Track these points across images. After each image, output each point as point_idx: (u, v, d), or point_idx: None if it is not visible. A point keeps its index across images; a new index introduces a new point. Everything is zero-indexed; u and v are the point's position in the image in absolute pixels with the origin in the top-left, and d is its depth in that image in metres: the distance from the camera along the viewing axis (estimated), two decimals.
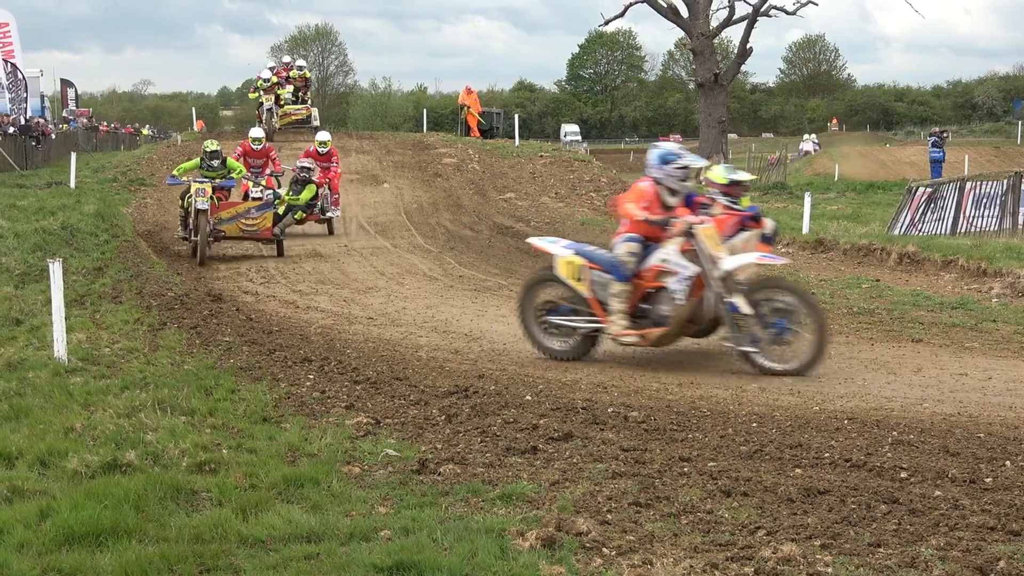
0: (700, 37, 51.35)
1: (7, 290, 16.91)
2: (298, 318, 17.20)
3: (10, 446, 9.22)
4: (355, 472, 8.78)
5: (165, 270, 20.29)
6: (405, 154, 40.48)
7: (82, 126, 68.60)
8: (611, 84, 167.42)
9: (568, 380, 12.75)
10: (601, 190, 35.65)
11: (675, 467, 8.82)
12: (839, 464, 8.91)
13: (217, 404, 10.89)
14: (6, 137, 42.81)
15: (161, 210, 30.88)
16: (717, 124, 51.50)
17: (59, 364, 12.48)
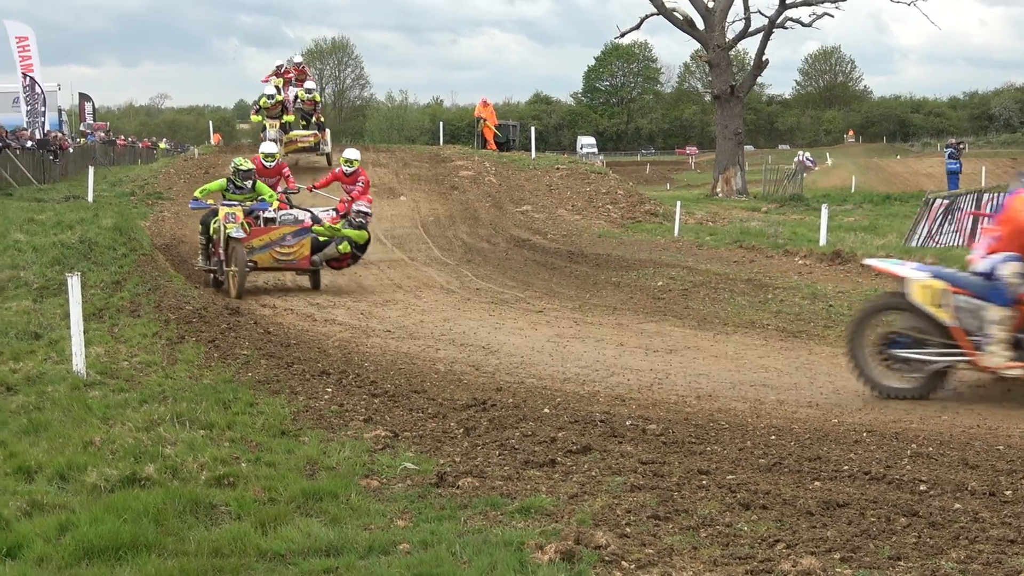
0: (716, 49, 51.34)
1: (26, 304, 16.93)
2: (316, 331, 17.21)
3: (29, 460, 9.23)
4: (374, 485, 8.78)
5: (183, 283, 20.31)
6: (422, 167, 40.50)
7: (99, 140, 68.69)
8: (627, 96, 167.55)
9: (586, 393, 12.74)
10: (618, 202, 35.66)
11: (694, 480, 8.80)
12: (858, 477, 8.89)
13: (235, 418, 10.89)
14: (24, 151, 42.90)
15: (179, 224, 30.92)
16: (733, 136, 51.47)
17: (78, 378, 12.48)
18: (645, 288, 21.64)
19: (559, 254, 27.05)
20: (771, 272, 23.05)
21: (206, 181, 36.56)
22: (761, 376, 13.63)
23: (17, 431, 10.31)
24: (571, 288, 22.07)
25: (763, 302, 19.52)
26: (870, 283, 21.35)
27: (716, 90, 52.16)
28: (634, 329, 17.43)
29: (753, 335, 16.77)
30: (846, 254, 24.36)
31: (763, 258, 25.56)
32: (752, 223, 33.68)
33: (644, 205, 36.19)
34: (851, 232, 29.97)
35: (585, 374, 13.93)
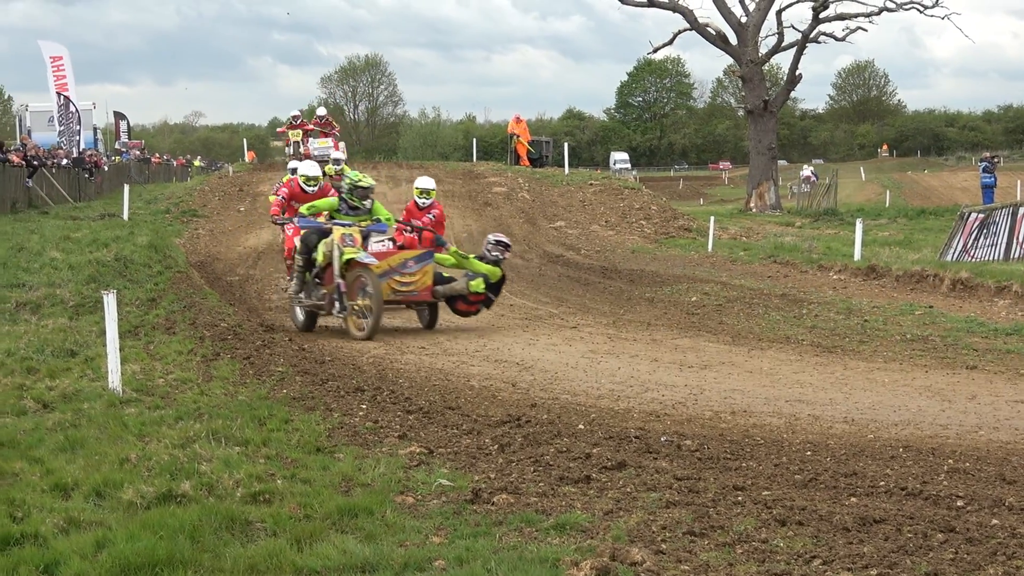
0: (749, 64, 51.28)
1: (62, 321, 17.02)
2: (350, 348, 17.22)
3: (66, 477, 9.26)
4: (409, 502, 8.77)
5: (218, 301, 20.36)
6: (455, 183, 40.55)
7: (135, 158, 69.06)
8: (660, 112, 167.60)
9: (620, 409, 12.71)
10: (651, 218, 35.68)
11: (729, 496, 8.77)
12: (895, 492, 8.84)
13: (271, 434, 10.90)
14: (59, 169, 43.12)
15: (213, 241, 31.04)
16: (767, 151, 51.38)
17: (114, 395, 12.53)
18: (679, 303, 21.62)
19: (593, 270, 27.06)
20: (805, 287, 23.01)
21: (239, 199, 36.85)
22: (796, 391, 13.58)
23: (54, 448, 10.36)
24: (605, 304, 22.06)
25: (798, 317, 19.47)
26: (905, 297, 21.32)
27: (749, 105, 52.07)
28: (668, 345, 17.40)
29: (788, 350, 16.72)
30: (881, 269, 24.31)
31: (797, 273, 25.54)
32: (786, 238, 33.62)
33: (677, 220, 36.20)
34: (886, 246, 29.93)
35: (619, 390, 13.89)
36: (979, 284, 21.58)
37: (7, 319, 17.34)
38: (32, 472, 9.54)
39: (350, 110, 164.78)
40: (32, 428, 11.18)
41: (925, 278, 22.92)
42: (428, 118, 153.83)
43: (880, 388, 13.49)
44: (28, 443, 10.56)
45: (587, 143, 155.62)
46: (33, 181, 38.98)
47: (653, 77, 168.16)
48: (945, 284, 22.22)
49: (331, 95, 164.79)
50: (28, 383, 13.28)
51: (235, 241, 31.30)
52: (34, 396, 12.57)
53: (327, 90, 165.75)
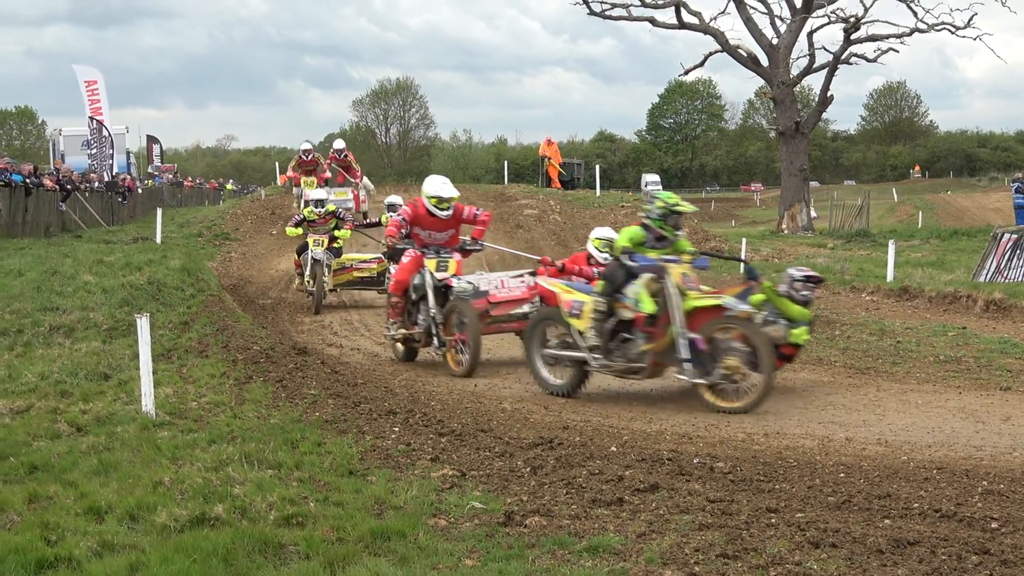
0: (781, 86, 51.20)
1: (95, 345, 17.07)
2: (382, 370, 17.25)
3: (99, 500, 9.29)
4: (441, 524, 8.78)
5: (250, 324, 20.39)
6: (487, 206, 40.52)
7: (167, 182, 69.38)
8: (691, 133, 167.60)
9: (653, 431, 12.70)
10: None
11: (762, 518, 8.75)
12: (929, 515, 8.81)
13: (303, 457, 10.92)
14: (93, 193, 43.34)
15: (246, 264, 31.13)
16: (799, 172, 51.26)
17: (147, 418, 12.56)
18: None
19: None
20: (838, 308, 22.92)
21: (271, 222, 36.95)
22: (829, 413, 13.54)
23: (87, 471, 10.39)
24: None
25: (830, 339, 19.40)
26: (938, 318, 21.22)
27: (781, 126, 51.96)
28: None
29: (821, 372, 16.67)
30: (914, 290, 24.23)
31: (830, 294, 25.45)
32: (818, 259, 33.50)
33: (709, 242, 36.12)
34: (919, 267, 29.78)
35: (652, 412, 13.89)
36: (1013, 305, 21.49)
37: (41, 342, 17.41)
38: (66, 495, 9.57)
39: (381, 133, 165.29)
40: (66, 451, 11.23)
41: (958, 299, 22.83)
42: (460, 141, 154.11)
43: (913, 409, 13.44)
44: (62, 466, 10.61)
45: (618, 165, 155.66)
46: (67, 205, 39.17)
47: (684, 99, 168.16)
48: (978, 305, 22.14)
49: (363, 118, 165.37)
50: (62, 406, 13.33)
51: (267, 264, 31.40)
52: (68, 419, 12.61)
53: (359, 113, 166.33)
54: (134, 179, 58.41)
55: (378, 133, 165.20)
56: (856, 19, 50.94)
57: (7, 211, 33.22)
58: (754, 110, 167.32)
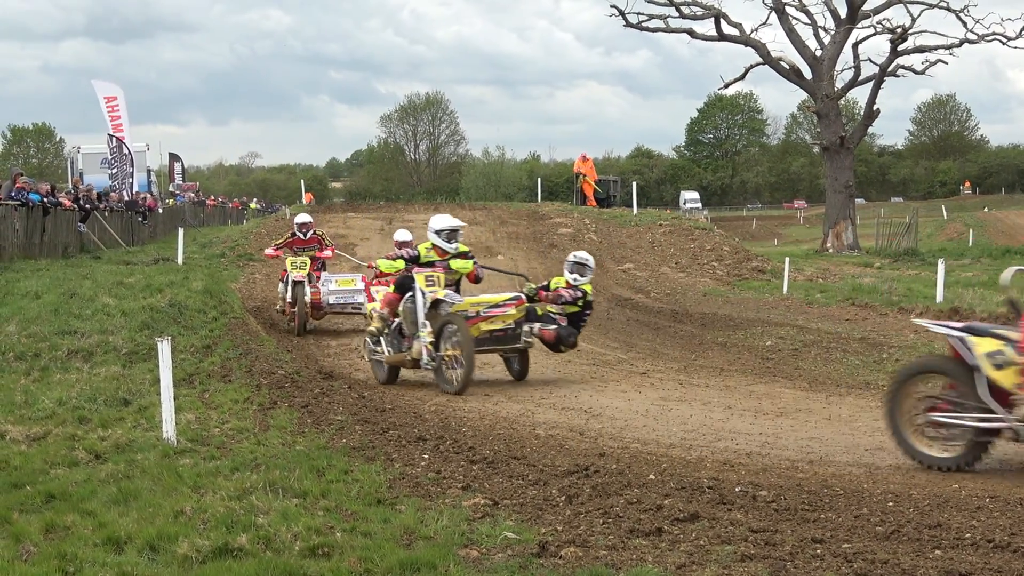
0: (825, 99, 51.15)
1: (114, 369, 17.12)
2: (411, 395, 17.25)
3: (119, 530, 9.29)
4: (473, 555, 8.75)
5: (275, 347, 20.43)
6: (519, 224, 40.63)
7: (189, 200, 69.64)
8: (732, 149, 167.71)
9: (693, 458, 12.66)
10: (723, 259, 35.60)
11: (807, 549, 8.70)
12: (981, 545, 8.75)
13: (330, 485, 10.91)
14: (112, 213, 43.51)
15: (270, 285, 31.16)
16: (844, 189, 51.18)
17: (168, 445, 12.57)
18: (753, 348, 21.54)
19: (663, 313, 27.01)
20: (885, 330, 22.86)
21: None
22: (877, 439, 13.47)
23: (106, 500, 10.40)
24: (676, 349, 22.01)
25: (878, 362, 19.35)
26: None
27: (825, 141, 51.90)
28: (742, 391, 17.33)
29: (868, 397, 16.61)
30: (965, 311, 24.11)
31: (877, 316, 25.39)
32: (865, 279, 33.42)
33: (751, 262, 36.10)
34: (969, 288, 29.67)
35: (691, 438, 13.85)
36: None
37: (59, 367, 17.46)
38: (84, 525, 9.58)
39: (410, 150, 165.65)
40: (84, 480, 11.24)
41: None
42: (492, 157, 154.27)
43: None
44: (80, 495, 10.61)
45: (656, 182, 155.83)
46: (85, 225, 39.33)
47: (724, 113, 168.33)
48: None
49: (391, 134, 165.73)
50: (80, 433, 13.34)
51: None
52: (86, 447, 12.63)
53: (387, 129, 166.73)
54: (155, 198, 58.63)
55: (407, 150, 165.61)
56: (903, 30, 50.88)
57: (24, 231, 33.35)
58: (797, 124, 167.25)
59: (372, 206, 52.85)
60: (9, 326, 19.54)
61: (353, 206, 54.77)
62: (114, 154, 50.84)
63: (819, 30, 52.04)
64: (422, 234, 19.72)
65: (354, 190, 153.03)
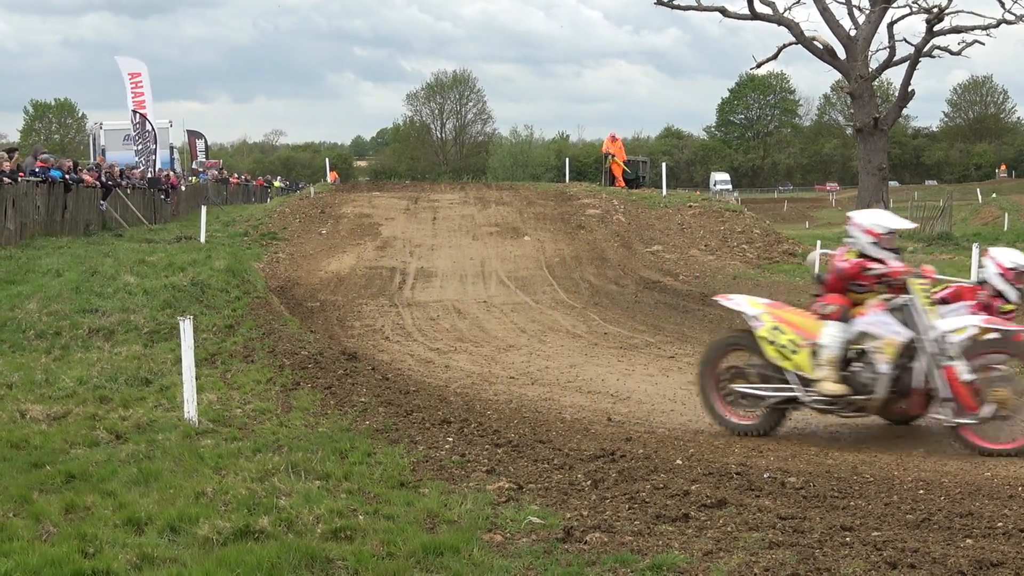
0: (859, 80, 50.95)
1: (136, 349, 17.16)
2: (436, 377, 17.26)
3: (139, 511, 9.33)
4: (497, 540, 8.77)
5: (298, 328, 20.44)
6: (547, 205, 40.56)
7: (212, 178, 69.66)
8: (763, 130, 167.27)
9: (721, 444, 12.66)
10: (754, 242, 35.49)
11: (836, 537, 8.69)
12: (1013, 534, 8.72)
13: (352, 468, 10.93)
14: (134, 190, 43.57)
15: (293, 265, 31.21)
16: (877, 171, 50.99)
17: (189, 426, 12.62)
18: None
19: (691, 296, 26.96)
20: None
21: (321, 221, 37.10)
22: (907, 426, 13.45)
23: (127, 481, 10.44)
24: (704, 333, 21.94)
25: None
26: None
27: (858, 123, 51.71)
28: None
29: None
30: None
31: None
32: None
33: (782, 245, 35.98)
34: None
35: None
36: None
37: (80, 346, 17.53)
38: (104, 506, 9.62)
39: (437, 128, 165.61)
40: (105, 460, 11.28)
41: None
42: (520, 137, 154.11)
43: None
44: (100, 475, 10.65)
45: (686, 163, 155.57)
46: (107, 202, 39.40)
47: (756, 93, 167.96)
48: None
49: (417, 112, 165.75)
50: (101, 413, 13.39)
51: (316, 265, 31.47)
52: (107, 427, 12.68)
53: (413, 107, 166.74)
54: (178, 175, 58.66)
55: (433, 128, 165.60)
56: (940, 9, 50.62)
57: (45, 208, 33.43)
58: (830, 105, 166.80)
59: (397, 185, 52.82)
60: (30, 304, 19.60)
61: (378, 185, 54.73)
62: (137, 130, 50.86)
63: (854, 9, 51.84)
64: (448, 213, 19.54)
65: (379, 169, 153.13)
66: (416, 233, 35.71)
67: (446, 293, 27.71)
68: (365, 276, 29.83)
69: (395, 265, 31.24)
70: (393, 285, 28.69)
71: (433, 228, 36.62)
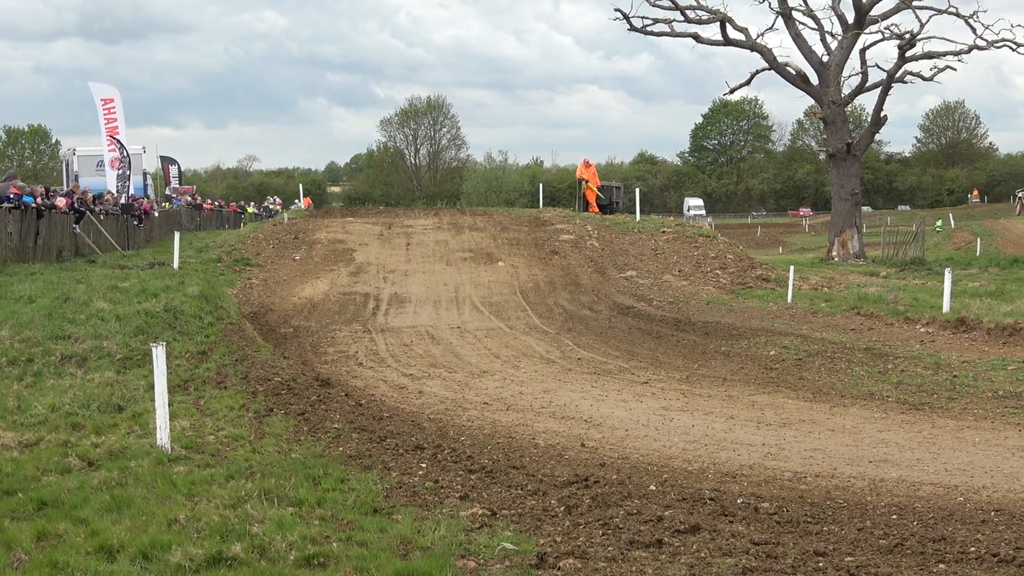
0: (831, 105, 51.20)
1: (109, 375, 17.13)
2: (410, 403, 17.25)
3: (111, 538, 9.30)
4: (470, 566, 8.77)
5: (271, 354, 20.43)
6: (520, 231, 40.62)
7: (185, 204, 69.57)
8: (737, 155, 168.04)
9: (694, 469, 12.67)
10: (727, 267, 35.59)
11: (810, 562, 8.72)
12: (986, 559, 8.76)
13: (326, 494, 10.93)
14: (107, 216, 43.48)
15: (267, 291, 31.18)
16: (850, 196, 51.23)
17: (162, 452, 12.59)
18: (757, 358, 21.52)
19: (665, 322, 26.99)
20: (891, 341, 22.86)
21: (295, 247, 37.09)
22: (881, 451, 13.49)
23: (99, 508, 10.41)
24: (678, 358, 21.99)
25: (883, 372, 19.35)
26: (998, 352, 21.13)
27: (831, 148, 51.96)
28: (745, 401, 17.33)
29: (872, 407, 16.62)
30: (971, 321, 24.13)
31: (882, 326, 25.38)
32: (870, 288, 33.43)
33: (755, 270, 36.08)
34: (976, 298, 29.66)
35: (693, 449, 13.86)
36: None
37: (52, 372, 17.49)
38: (76, 533, 9.59)
39: (411, 154, 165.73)
40: (77, 487, 11.25)
41: (1019, 331, 22.72)
42: (494, 162, 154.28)
43: (970, 448, 13.37)
44: (72, 503, 10.63)
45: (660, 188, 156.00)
46: (80, 228, 39.30)
47: (729, 119, 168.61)
48: None
49: (391, 138, 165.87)
50: (73, 440, 13.36)
51: (290, 291, 31.46)
52: (79, 453, 12.65)
53: (387, 133, 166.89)
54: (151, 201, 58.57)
55: (407, 154, 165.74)
56: (911, 35, 50.95)
57: (18, 234, 33.31)
58: (803, 131, 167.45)
59: (371, 211, 52.90)
60: (2, 331, 19.55)
61: (352, 211, 54.80)
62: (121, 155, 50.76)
63: (826, 35, 52.22)
64: (422, 238, 19.56)
65: (353, 194, 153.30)
66: (390, 259, 35.74)
67: (420, 319, 27.72)
68: (339, 302, 29.83)
69: (369, 291, 31.26)
70: (367, 311, 28.70)
71: (407, 254, 36.64)
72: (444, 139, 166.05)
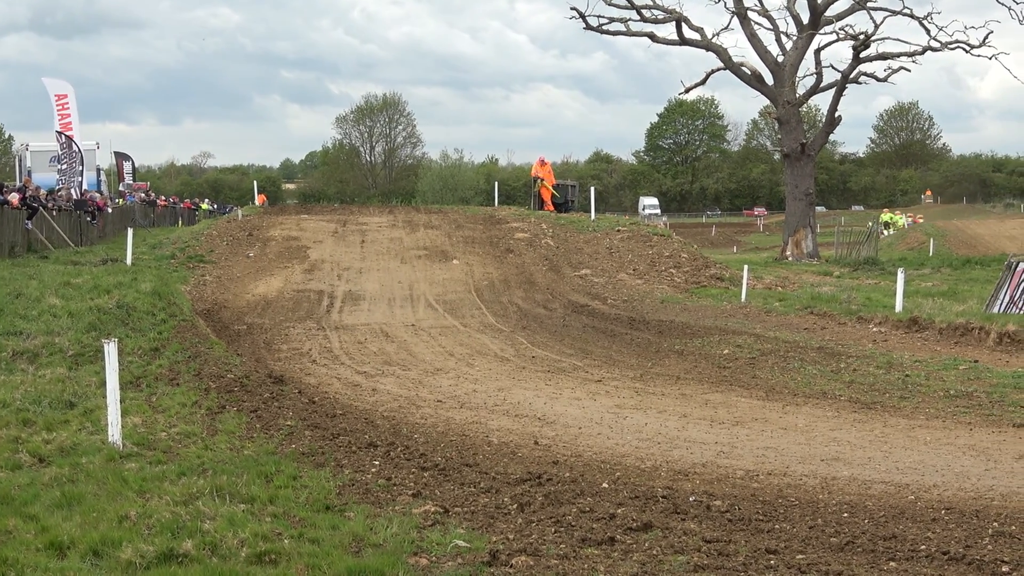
0: (786, 105, 51.38)
1: (60, 371, 17.04)
2: (363, 401, 17.21)
3: (62, 535, 9.26)
4: (423, 564, 8.76)
5: (224, 351, 20.36)
6: (475, 229, 40.59)
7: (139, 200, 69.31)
8: (692, 155, 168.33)
9: (647, 467, 12.69)
10: (682, 266, 35.64)
11: (761, 560, 8.74)
12: (936, 557, 8.80)
13: (278, 491, 10.89)
14: (60, 212, 43.28)
15: (220, 288, 31.09)
16: (804, 196, 51.43)
17: (113, 449, 12.53)
18: (710, 356, 21.56)
19: (619, 320, 27.02)
20: (844, 340, 22.95)
21: (249, 244, 36.97)
22: (833, 450, 13.54)
23: (49, 505, 10.36)
24: (632, 356, 22.01)
25: (835, 371, 19.42)
26: (949, 351, 21.22)
27: (786, 148, 52.17)
28: (698, 400, 17.36)
29: (824, 406, 16.67)
30: (924, 321, 24.23)
31: (835, 325, 25.47)
32: (824, 288, 33.54)
33: (709, 269, 36.16)
34: (929, 298, 29.82)
35: (646, 447, 13.87)
36: None
37: (3, 369, 17.38)
38: (26, 530, 9.54)
39: (366, 152, 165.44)
40: (27, 483, 11.19)
41: (970, 331, 22.83)
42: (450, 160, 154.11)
43: (922, 447, 13.43)
44: (23, 499, 10.56)
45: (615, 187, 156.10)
46: (32, 224, 39.12)
47: (684, 118, 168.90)
48: (991, 338, 22.14)
49: (346, 136, 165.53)
50: (24, 436, 13.28)
51: (243, 288, 31.37)
52: (30, 450, 12.57)
53: (342, 130, 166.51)
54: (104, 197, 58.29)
55: (362, 151, 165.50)
56: (866, 36, 51.23)
57: None
58: (758, 131, 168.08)
59: (326, 208, 52.75)
60: None
61: (307, 208, 54.67)
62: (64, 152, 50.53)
63: (781, 36, 52.45)
64: (377, 236, 19.55)
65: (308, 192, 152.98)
66: (344, 256, 35.67)
67: (374, 316, 27.67)
68: (293, 299, 29.77)
69: (323, 288, 31.21)
70: (321, 308, 28.65)
71: (361, 251, 36.56)
72: (399, 137, 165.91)
